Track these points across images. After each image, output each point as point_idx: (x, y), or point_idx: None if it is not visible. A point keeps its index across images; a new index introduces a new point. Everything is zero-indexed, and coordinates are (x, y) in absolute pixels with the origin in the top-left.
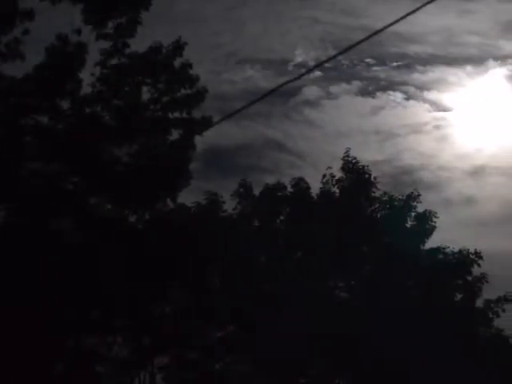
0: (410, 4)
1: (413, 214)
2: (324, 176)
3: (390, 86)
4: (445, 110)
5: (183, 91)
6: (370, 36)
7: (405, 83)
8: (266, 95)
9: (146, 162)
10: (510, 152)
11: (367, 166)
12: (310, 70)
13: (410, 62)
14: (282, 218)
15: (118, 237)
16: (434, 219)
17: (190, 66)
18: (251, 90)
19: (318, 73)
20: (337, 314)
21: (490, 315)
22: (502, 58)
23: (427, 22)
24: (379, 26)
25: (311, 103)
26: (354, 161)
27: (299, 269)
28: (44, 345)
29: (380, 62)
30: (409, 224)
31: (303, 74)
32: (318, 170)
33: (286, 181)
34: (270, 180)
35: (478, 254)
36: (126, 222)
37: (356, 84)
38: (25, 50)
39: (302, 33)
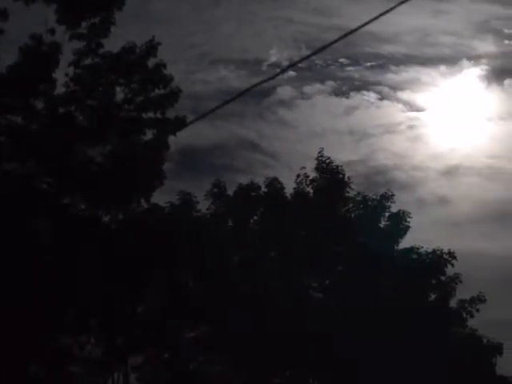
0: (384, 4)
1: (386, 214)
2: (298, 176)
3: (363, 86)
4: (418, 110)
5: (157, 91)
6: (343, 36)
7: (379, 83)
8: (239, 95)
9: (120, 162)
10: (484, 152)
11: (341, 166)
12: (283, 70)
13: (384, 62)
14: (255, 217)
15: (92, 237)
16: (408, 219)
17: (163, 66)
18: (225, 89)
19: (291, 73)
20: (311, 314)
21: (464, 315)
22: (475, 58)
23: (401, 22)
24: (353, 25)
25: (285, 103)
26: (327, 161)
27: (273, 269)
28: (19, 345)
29: (354, 62)
30: (382, 224)
31: (277, 74)
32: (291, 170)
33: (260, 181)
34: (244, 180)
35: (451, 254)
36: (99, 222)
37: (330, 84)
38: None
39: (275, 33)
